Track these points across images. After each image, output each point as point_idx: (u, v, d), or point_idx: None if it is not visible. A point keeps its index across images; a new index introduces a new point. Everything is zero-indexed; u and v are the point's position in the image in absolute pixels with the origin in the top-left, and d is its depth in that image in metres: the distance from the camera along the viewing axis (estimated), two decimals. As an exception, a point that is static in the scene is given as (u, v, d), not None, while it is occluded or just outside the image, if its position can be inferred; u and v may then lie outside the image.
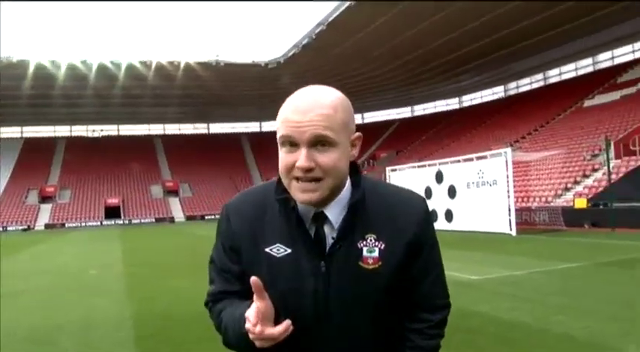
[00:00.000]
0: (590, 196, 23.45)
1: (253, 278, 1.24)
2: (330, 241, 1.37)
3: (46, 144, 65.70)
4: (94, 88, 48.52)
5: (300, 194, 1.31)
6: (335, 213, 1.37)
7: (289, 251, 1.36)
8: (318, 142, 1.28)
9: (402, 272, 1.39)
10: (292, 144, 1.29)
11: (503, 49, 40.68)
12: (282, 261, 1.35)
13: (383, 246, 1.37)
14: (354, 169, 1.42)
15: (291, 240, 1.36)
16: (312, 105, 1.29)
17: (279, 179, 1.39)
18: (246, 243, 1.40)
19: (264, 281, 1.26)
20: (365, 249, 1.36)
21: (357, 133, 1.39)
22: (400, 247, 1.38)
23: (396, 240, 1.38)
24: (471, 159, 22.67)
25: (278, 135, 1.33)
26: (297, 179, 1.30)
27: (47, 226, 52.22)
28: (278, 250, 1.37)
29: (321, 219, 1.37)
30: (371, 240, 1.37)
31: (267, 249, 1.37)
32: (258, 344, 1.27)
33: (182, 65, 44.93)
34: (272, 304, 1.27)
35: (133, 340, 6.59)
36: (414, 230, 1.40)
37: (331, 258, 1.36)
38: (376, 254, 1.36)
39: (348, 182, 1.40)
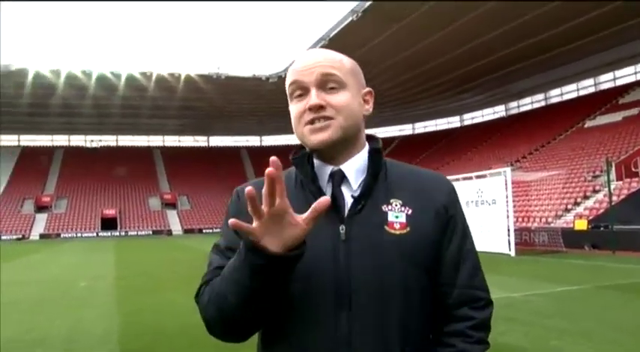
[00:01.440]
0: (590, 218, 23.32)
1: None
2: (349, 202, 1.25)
3: (44, 154, 65.70)
4: (94, 97, 48.53)
5: (313, 135, 1.25)
6: (352, 171, 1.29)
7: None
8: (327, 82, 1.26)
9: (431, 244, 1.26)
10: (301, 89, 1.27)
11: (504, 69, 40.79)
12: None
13: (410, 211, 1.26)
14: (373, 138, 1.39)
15: (306, 205, 1.15)
16: (319, 53, 1.31)
17: (297, 150, 1.35)
18: None
19: None
20: (390, 212, 1.25)
21: (368, 88, 1.37)
22: (429, 215, 1.27)
23: (424, 208, 1.28)
24: (470, 178, 22.57)
25: (287, 87, 1.31)
26: (311, 122, 1.26)
27: (42, 236, 52.01)
28: None
29: (339, 178, 1.28)
30: (397, 205, 1.26)
31: None
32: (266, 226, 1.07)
33: (183, 77, 45.02)
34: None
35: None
36: (443, 200, 1.31)
37: (352, 221, 1.23)
38: (403, 219, 1.25)
39: (367, 146, 1.35)
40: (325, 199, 1.06)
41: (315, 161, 1.31)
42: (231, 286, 1.15)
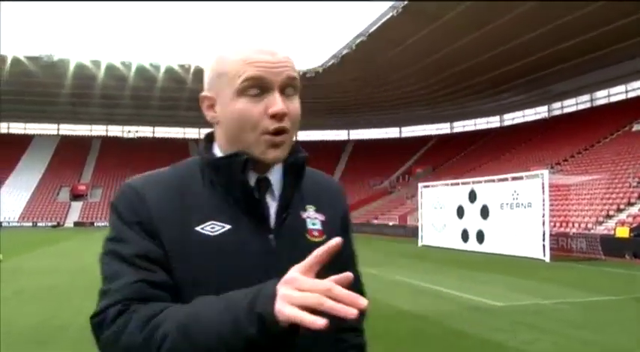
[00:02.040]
0: (633, 225, 22.66)
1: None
2: (274, 212, 1.18)
3: (82, 143, 67.24)
4: (132, 88, 49.48)
5: (271, 150, 1.13)
6: (276, 180, 1.21)
7: (228, 227, 1.12)
8: (288, 87, 1.13)
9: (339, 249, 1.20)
10: (261, 88, 1.11)
11: (548, 68, 40.00)
12: (221, 241, 1.09)
13: (323, 217, 1.25)
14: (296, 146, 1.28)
15: (230, 214, 1.12)
16: (275, 47, 1.15)
17: (207, 138, 1.24)
18: (168, 222, 1.10)
19: (196, 271, 1.06)
20: (308, 220, 1.23)
21: None
22: (336, 221, 1.29)
23: (332, 214, 1.28)
24: (506, 180, 22.20)
25: (239, 79, 1.11)
26: (271, 133, 1.12)
27: (76, 224, 53.24)
28: (212, 228, 1.11)
29: (264, 185, 1.19)
30: (312, 212, 1.24)
31: (197, 228, 1.10)
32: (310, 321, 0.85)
33: (192, 68, 45.21)
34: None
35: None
36: (342, 206, 1.35)
37: (279, 231, 1.16)
38: (319, 226, 1.23)
39: None
40: (337, 243, 0.93)
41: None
42: (209, 342, 0.93)
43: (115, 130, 70.68)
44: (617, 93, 48.05)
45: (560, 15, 29.43)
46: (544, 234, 19.08)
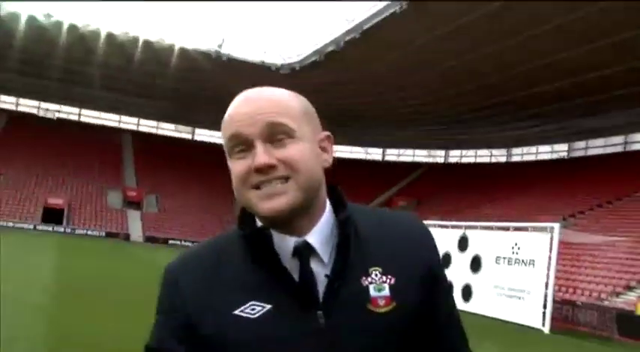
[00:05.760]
0: (657, 302, 23.15)
1: None
2: (322, 281, 1.25)
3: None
4: (63, 57, 48.06)
5: (264, 202, 1.22)
6: (320, 241, 1.28)
7: (268, 307, 1.23)
8: (275, 134, 1.23)
9: (421, 314, 1.30)
10: (243, 144, 1.24)
11: (575, 98, 40.12)
12: (262, 324, 1.21)
13: (393, 280, 1.28)
14: (334, 191, 1.36)
15: (270, 292, 1.24)
16: (261, 93, 1.29)
17: (242, 213, 1.35)
18: (206, 309, 1.25)
19: None
20: (372, 286, 1.27)
21: (326, 132, 1.36)
22: (415, 281, 1.31)
23: (407, 273, 1.31)
24: (507, 229, 22.53)
25: (226, 141, 1.28)
26: (257, 187, 1.23)
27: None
28: (252, 310, 1.22)
29: (304, 252, 1.26)
30: (377, 275, 1.28)
31: (236, 312, 1.22)
32: None
33: (176, 50, 44.94)
34: None
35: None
36: (426, 258, 1.36)
37: (330, 306, 1.24)
38: (387, 292, 1.27)
39: (328, 205, 1.34)
40: None
41: (272, 232, 1.28)
42: None
43: (29, 105, 69.43)
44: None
45: (600, 33, 29.63)
46: (546, 300, 19.37)
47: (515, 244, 21.10)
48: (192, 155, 68.92)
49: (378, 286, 1.26)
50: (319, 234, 1.27)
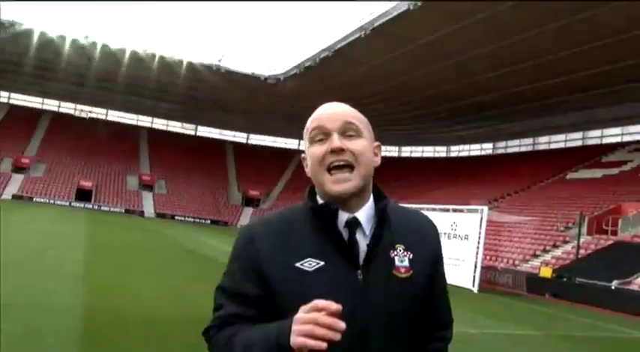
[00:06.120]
0: (556, 267, 23.71)
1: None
2: (363, 249, 1.38)
3: (31, 115, 64.71)
4: (95, 69, 48.02)
5: (335, 185, 1.37)
6: (365, 219, 1.41)
7: (322, 263, 1.34)
8: (348, 130, 1.40)
9: (428, 283, 1.45)
10: (324, 134, 1.40)
11: (498, 108, 41.28)
12: (315, 275, 1.32)
13: (412, 255, 1.42)
14: (376, 187, 1.50)
15: (323, 252, 1.35)
16: (340, 105, 1.47)
17: (310, 189, 1.47)
18: (273, 262, 1.36)
19: (293, 299, 1.26)
20: (396, 258, 1.40)
21: (378, 142, 1.51)
22: (426, 259, 1.46)
23: (422, 251, 1.45)
24: (447, 210, 22.87)
25: (308, 134, 1.44)
26: (330, 171, 1.38)
27: (15, 197, 51.25)
28: (310, 264, 1.34)
29: (354, 225, 1.39)
30: (400, 250, 1.42)
31: (297, 265, 1.35)
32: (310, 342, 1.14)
33: (184, 63, 44.89)
34: None
35: (81, 331, 6.50)
36: (434, 245, 1.52)
37: (368, 268, 1.37)
38: (407, 263, 1.41)
39: (372, 195, 1.48)
40: (337, 308, 1.15)
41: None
42: (258, 347, 1.26)
43: (68, 107, 68.43)
44: (558, 141, 50.28)
45: (519, 58, 30.36)
46: (476, 266, 19.71)
47: (454, 222, 21.38)
48: (195, 148, 68.46)
49: (401, 258, 1.41)
50: (365, 214, 1.42)
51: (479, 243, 19.89)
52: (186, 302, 9.50)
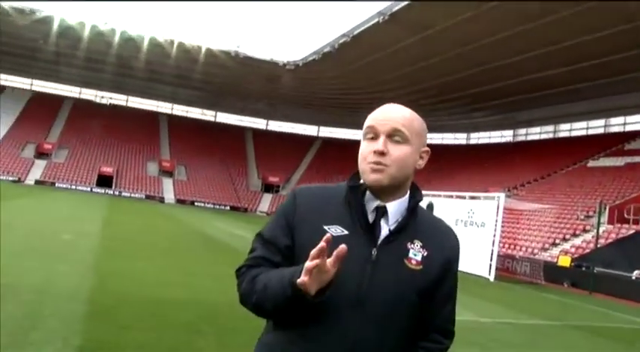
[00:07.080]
0: (575, 256, 23.32)
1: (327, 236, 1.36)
2: (384, 233, 1.54)
3: (53, 102, 65.48)
4: (115, 55, 48.43)
5: (371, 174, 1.53)
6: (394, 210, 1.57)
7: (346, 233, 1.51)
8: (395, 135, 1.54)
9: (435, 284, 1.57)
10: (374, 134, 1.56)
11: (518, 95, 40.72)
12: (337, 241, 1.40)
13: (426, 253, 1.56)
14: (415, 186, 1.64)
15: (350, 224, 1.53)
16: (396, 109, 1.60)
17: (354, 175, 1.62)
18: (307, 219, 1.56)
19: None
20: (411, 250, 1.55)
21: (427, 148, 1.64)
22: (439, 261, 1.58)
23: (437, 254, 1.58)
24: (464, 197, 22.57)
25: (364, 129, 1.59)
26: (370, 164, 1.54)
27: (37, 182, 52.00)
28: (336, 230, 1.51)
29: (381, 212, 1.55)
30: (417, 245, 1.56)
31: (325, 227, 1.51)
32: (308, 281, 1.36)
33: (204, 50, 44.88)
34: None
35: (83, 314, 6.43)
36: (451, 253, 1.63)
37: (382, 249, 1.52)
38: (419, 258, 1.55)
39: (408, 192, 1.62)
40: (343, 247, 1.34)
41: (368, 193, 1.57)
42: (270, 302, 1.47)
43: (89, 94, 69.01)
44: (579, 128, 49.39)
45: (539, 44, 29.95)
46: (492, 254, 19.45)
47: (471, 210, 21.12)
48: (214, 134, 68.65)
49: (415, 252, 1.55)
50: (394, 206, 1.57)
51: (495, 230, 19.60)
52: (194, 285, 9.57)
